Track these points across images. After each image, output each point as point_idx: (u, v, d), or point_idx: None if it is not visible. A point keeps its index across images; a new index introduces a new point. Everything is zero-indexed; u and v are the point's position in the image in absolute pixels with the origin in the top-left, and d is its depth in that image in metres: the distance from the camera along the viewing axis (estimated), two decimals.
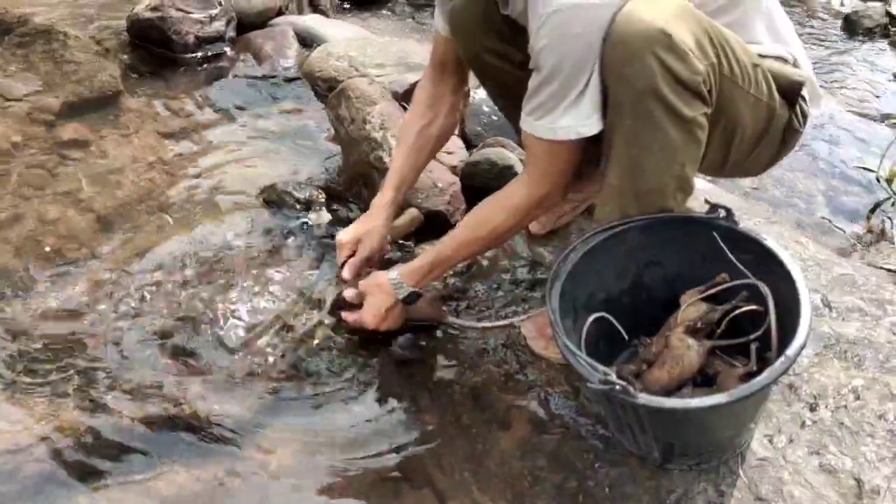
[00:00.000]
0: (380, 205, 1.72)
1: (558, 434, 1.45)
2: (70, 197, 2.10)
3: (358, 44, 2.70)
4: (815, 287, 1.64)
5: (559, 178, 1.45)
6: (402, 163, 1.73)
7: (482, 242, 1.56)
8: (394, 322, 1.61)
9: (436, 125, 1.73)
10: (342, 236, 1.70)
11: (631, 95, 1.29)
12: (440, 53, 1.71)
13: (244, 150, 2.33)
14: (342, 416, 1.54)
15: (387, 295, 1.58)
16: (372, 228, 1.70)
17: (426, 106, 1.73)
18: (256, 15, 2.98)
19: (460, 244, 1.56)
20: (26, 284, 1.83)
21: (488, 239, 1.55)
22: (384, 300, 1.59)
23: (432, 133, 1.73)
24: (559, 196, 1.51)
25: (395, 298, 1.58)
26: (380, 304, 1.59)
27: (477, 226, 1.54)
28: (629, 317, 1.41)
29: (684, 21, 1.28)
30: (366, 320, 1.60)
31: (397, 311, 1.60)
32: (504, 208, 1.51)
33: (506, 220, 1.50)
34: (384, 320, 1.60)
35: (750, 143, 1.47)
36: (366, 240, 1.69)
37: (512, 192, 1.50)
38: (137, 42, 2.82)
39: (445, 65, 1.71)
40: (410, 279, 1.58)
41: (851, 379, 1.46)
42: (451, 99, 1.74)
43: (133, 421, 1.51)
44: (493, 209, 1.53)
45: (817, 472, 1.32)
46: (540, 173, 1.46)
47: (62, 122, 2.38)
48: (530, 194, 1.47)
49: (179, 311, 1.76)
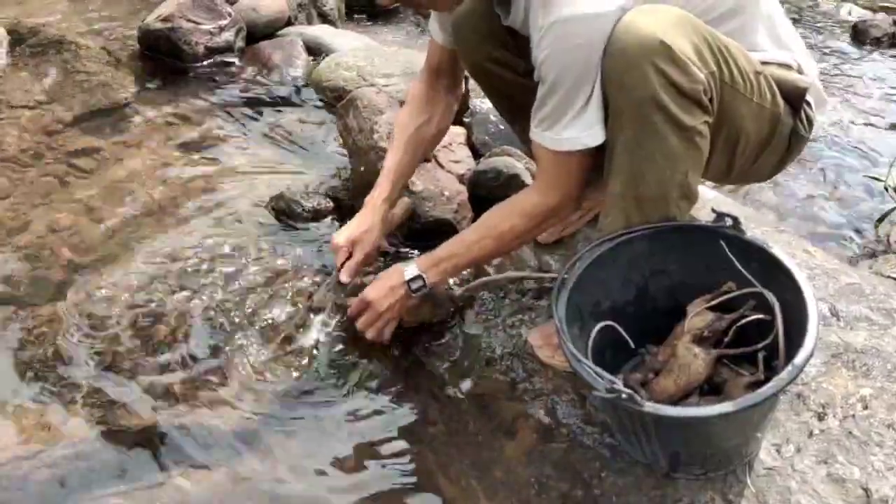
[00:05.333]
0: (374, 203, 1.71)
1: (565, 442, 1.45)
2: (80, 206, 2.12)
3: (366, 54, 2.71)
4: (823, 296, 1.63)
5: (570, 188, 1.46)
6: (397, 160, 1.73)
7: (493, 244, 1.54)
8: (396, 302, 1.57)
9: (432, 124, 1.75)
10: (337, 239, 1.69)
11: (631, 105, 1.29)
12: (435, 58, 1.73)
13: (253, 160, 2.34)
14: (348, 424, 1.54)
15: (396, 273, 1.58)
16: (367, 229, 1.69)
17: (422, 106, 1.74)
18: (265, 25, 3.01)
19: (470, 243, 1.56)
20: (36, 291, 1.85)
21: (499, 241, 1.53)
22: (391, 277, 1.58)
23: (428, 132, 1.75)
24: (571, 205, 1.51)
25: (403, 278, 1.56)
26: (385, 281, 1.58)
27: (489, 227, 1.54)
28: (635, 325, 1.41)
29: (684, 30, 1.28)
30: (368, 293, 1.59)
31: (401, 292, 1.56)
32: (515, 213, 1.50)
33: (517, 224, 1.50)
34: (385, 297, 1.57)
35: (755, 149, 1.47)
36: (362, 240, 1.68)
37: (524, 198, 1.51)
38: (148, 53, 2.85)
39: (440, 69, 1.73)
40: (421, 263, 1.57)
41: (859, 388, 1.45)
42: (445, 99, 1.75)
43: (139, 428, 1.52)
44: (504, 213, 1.53)
45: (825, 482, 1.31)
46: (550, 183, 1.46)
47: (73, 132, 2.41)
48: (541, 202, 1.47)
49: (186, 320, 1.76)
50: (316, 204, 2.09)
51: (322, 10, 3.30)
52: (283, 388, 1.62)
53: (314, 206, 2.08)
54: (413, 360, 1.66)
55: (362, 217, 1.71)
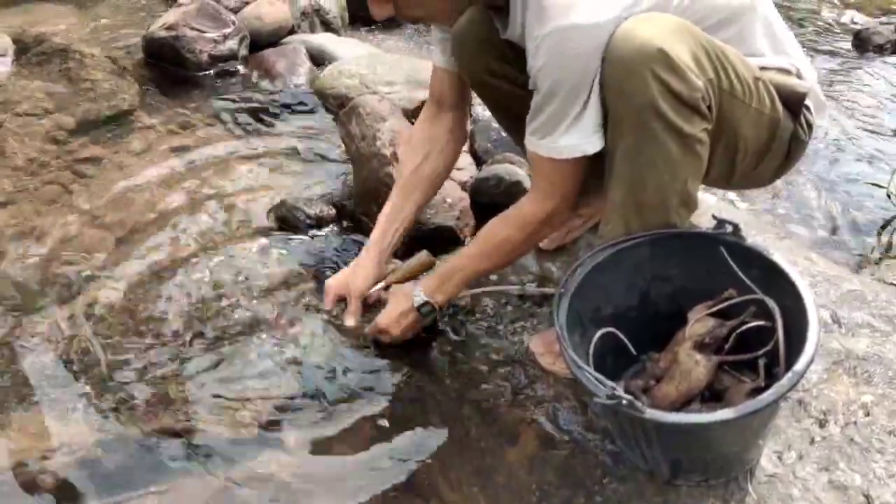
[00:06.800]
0: (366, 247, 1.71)
1: (566, 449, 1.45)
2: (85, 214, 2.13)
3: (368, 61, 2.72)
4: (825, 303, 1.63)
5: (565, 195, 1.47)
6: (391, 207, 1.71)
7: (493, 256, 1.57)
8: (407, 328, 1.63)
9: (430, 161, 1.70)
10: (329, 282, 1.70)
11: (631, 113, 1.30)
12: (437, 88, 1.71)
13: (256, 167, 2.35)
14: (350, 430, 1.54)
15: (405, 299, 1.61)
16: (358, 271, 1.68)
17: (419, 143, 1.72)
18: (269, 33, 3.02)
19: (472, 256, 1.59)
20: (39, 298, 1.86)
21: (498, 252, 1.55)
22: (400, 304, 1.62)
23: (426, 170, 1.71)
24: (567, 212, 1.52)
25: (412, 305, 1.60)
26: (394, 308, 1.63)
27: (487, 239, 1.56)
28: (637, 332, 1.41)
29: (681, 38, 1.29)
30: (380, 321, 1.64)
31: (412, 318, 1.61)
32: (512, 223, 1.52)
33: (513, 235, 1.52)
34: (396, 324, 1.62)
35: (755, 155, 1.48)
36: (353, 282, 1.67)
37: (520, 208, 1.52)
38: (152, 60, 2.86)
39: (443, 100, 1.71)
40: (427, 288, 1.60)
41: (861, 395, 1.45)
42: (447, 133, 1.71)
43: (143, 434, 1.53)
44: (502, 223, 1.55)
45: (827, 489, 1.31)
46: (546, 190, 1.47)
47: (77, 140, 2.42)
48: (537, 210, 1.48)
49: (189, 326, 1.77)
50: (318, 211, 2.09)
51: (325, 18, 3.31)
52: (284, 393, 1.62)
53: (316, 213, 2.09)
54: (416, 366, 1.66)
55: (356, 263, 1.70)
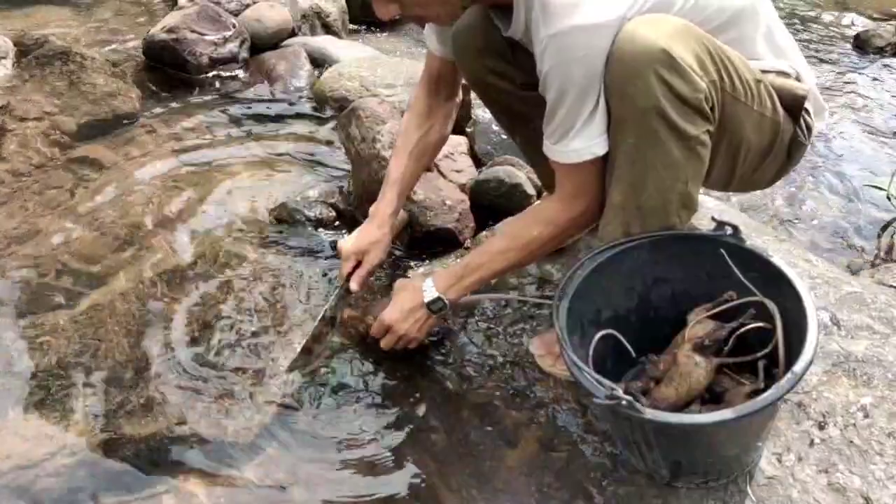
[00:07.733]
0: (383, 215, 1.71)
1: (566, 452, 1.45)
2: (86, 216, 2.13)
3: (369, 64, 2.73)
4: (824, 305, 1.63)
5: (591, 196, 1.44)
6: (402, 171, 1.74)
7: (516, 254, 1.51)
8: (416, 324, 1.55)
9: (433, 134, 1.76)
10: (347, 247, 1.69)
11: (634, 114, 1.30)
12: (433, 69, 1.73)
13: (256, 169, 2.35)
14: (349, 433, 1.54)
15: (414, 294, 1.54)
16: (375, 240, 1.69)
17: (423, 116, 1.75)
18: (269, 36, 3.03)
19: (494, 253, 1.53)
20: (41, 300, 1.86)
21: (523, 251, 1.50)
22: (410, 299, 1.55)
23: (430, 141, 1.76)
24: (597, 211, 1.46)
25: (422, 300, 1.54)
26: (403, 303, 1.55)
27: (513, 237, 1.52)
28: (636, 334, 1.41)
29: (685, 39, 1.29)
30: (385, 316, 1.57)
31: (420, 314, 1.54)
32: (541, 221, 1.49)
33: (541, 233, 1.48)
34: (405, 320, 1.55)
35: (755, 158, 1.48)
36: (371, 252, 1.68)
37: (546, 206, 1.52)
38: (152, 63, 2.87)
39: (440, 79, 1.74)
40: (440, 283, 1.53)
41: (860, 397, 1.45)
42: (444, 109, 1.77)
43: (142, 436, 1.53)
44: (528, 221, 1.53)
45: (826, 491, 1.31)
46: (569, 193, 1.45)
47: (79, 143, 2.43)
48: (566, 209, 1.46)
49: (190, 330, 1.77)
50: (318, 213, 2.10)
51: (326, 20, 3.32)
52: (285, 396, 1.62)
53: (316, 214, 2.09)
54: (414, 368, 1.66)
55: (370, 227, 1.71)
